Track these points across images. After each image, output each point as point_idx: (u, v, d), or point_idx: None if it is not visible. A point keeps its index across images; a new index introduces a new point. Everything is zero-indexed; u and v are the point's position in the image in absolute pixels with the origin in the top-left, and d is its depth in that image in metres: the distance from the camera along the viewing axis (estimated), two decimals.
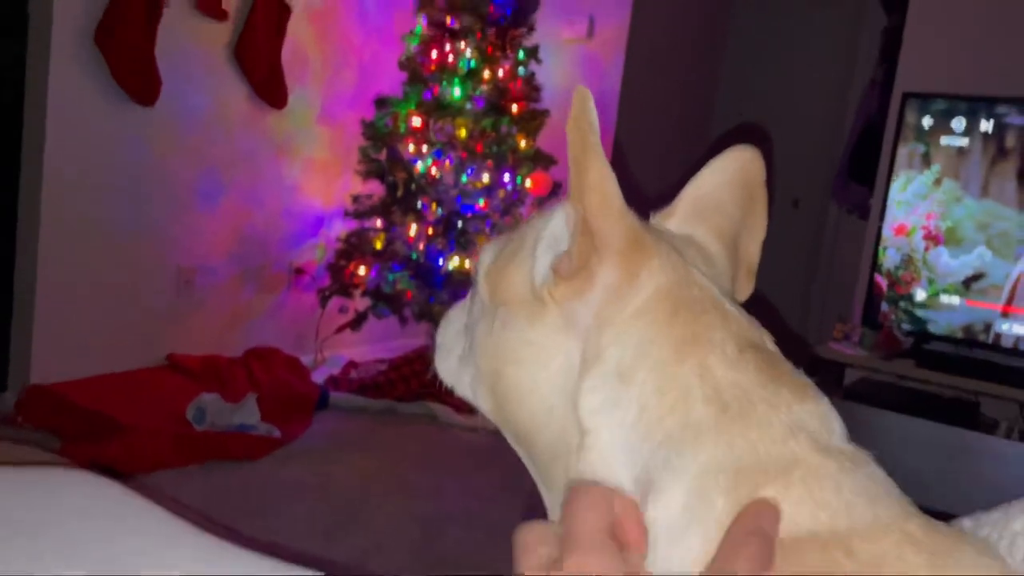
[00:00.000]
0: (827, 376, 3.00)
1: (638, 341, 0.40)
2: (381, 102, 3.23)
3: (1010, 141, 2.64)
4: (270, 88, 3.09)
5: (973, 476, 1.49)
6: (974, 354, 2.68)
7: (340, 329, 3.34)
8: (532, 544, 0.38)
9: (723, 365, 0.39)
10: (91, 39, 2.57)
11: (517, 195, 3.25)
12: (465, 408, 3.12)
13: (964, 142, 2.70)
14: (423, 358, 3.26)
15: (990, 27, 2.92)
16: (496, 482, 2.49)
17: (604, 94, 3.75)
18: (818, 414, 0.39)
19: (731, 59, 5.29)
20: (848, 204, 4.15)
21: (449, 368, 0.51)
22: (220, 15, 2.87)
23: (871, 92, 3.78)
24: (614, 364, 0.40)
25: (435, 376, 0.52)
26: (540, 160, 3.31)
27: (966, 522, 0.42)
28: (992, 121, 2.66)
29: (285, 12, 3.05)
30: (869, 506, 0.36)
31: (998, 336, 2.65)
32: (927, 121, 2.76)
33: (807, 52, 5.40)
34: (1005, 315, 2.64)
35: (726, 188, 0.48)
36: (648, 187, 4.01)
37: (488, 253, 0.48)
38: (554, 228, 0.43)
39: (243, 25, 2.97)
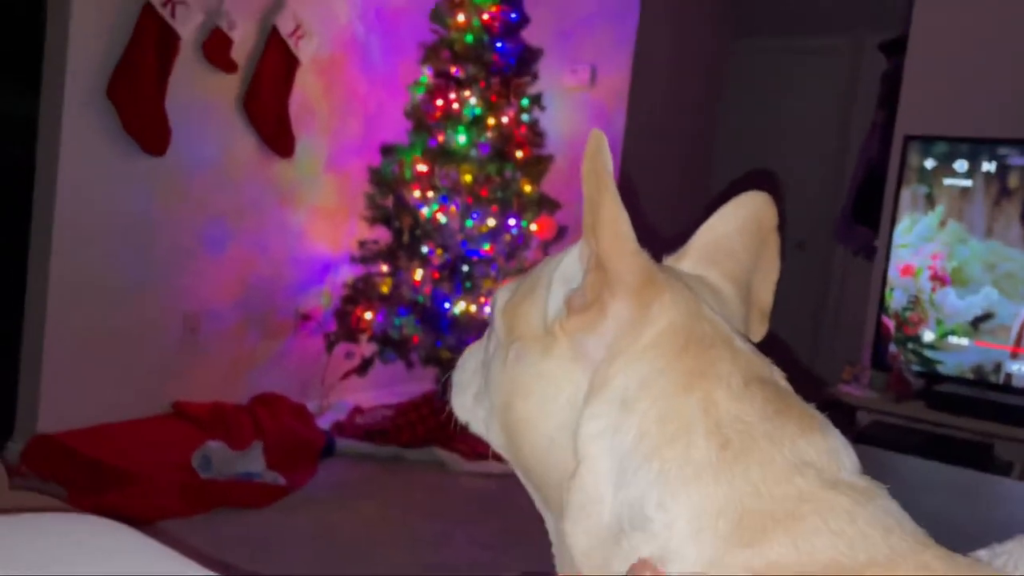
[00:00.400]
0: (838, 419, 2.97)
1: (646, 372, 0.40)
2: (387, 150, 3.27)
3: (1013, 182, 2.65)
4: (278, 138, 3.14)
5: (988, 519, 1.46)
6: (985, 395, 2.66)
7: (346, 375, 3.33)
8: None
9: (728, 398, 0.39)
10: (103, 92, 2.62)
11: (522, 239, 3.27)
12: (473, 454, 3.10)
13: (967, 183, 2.71)
14: (430, 403, 3.25)
15: (989, 69, 2.95)
16: (504, 531, 2.46)
17: (608, 140, 3.78)
18: (826, 448, 0.39)
19: (731, 104, 5.36)
20: (853, 246, 4.15)
21: (464, 405, 0.52)
22: (229, 67, 2.92)
23: (872, 135, 3.82)
24: (619, 392, 0.40)
25: (448, 416, 0.53)
26: (545, 204, 3.33)
27: (982, 553, 0.41)
28: (994, 162, 2.67)
29: (293, 63, 3.11)
30: (884, 537, 0.36)
31: (1009, 377, 2.63)
32: (929, 163, 2.77)
33: (806, 96, 5.47)
34: (1015, 356, 2.62)
35: (738, 232, 0.50)
36: (653, 232, 4.00)
37: (505, 292, 0.49)
38: (567, 266, 0.45)
39: (252, 76, 3.03)
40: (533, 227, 3.32)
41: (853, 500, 0.37)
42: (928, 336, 2.76)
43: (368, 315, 3.20)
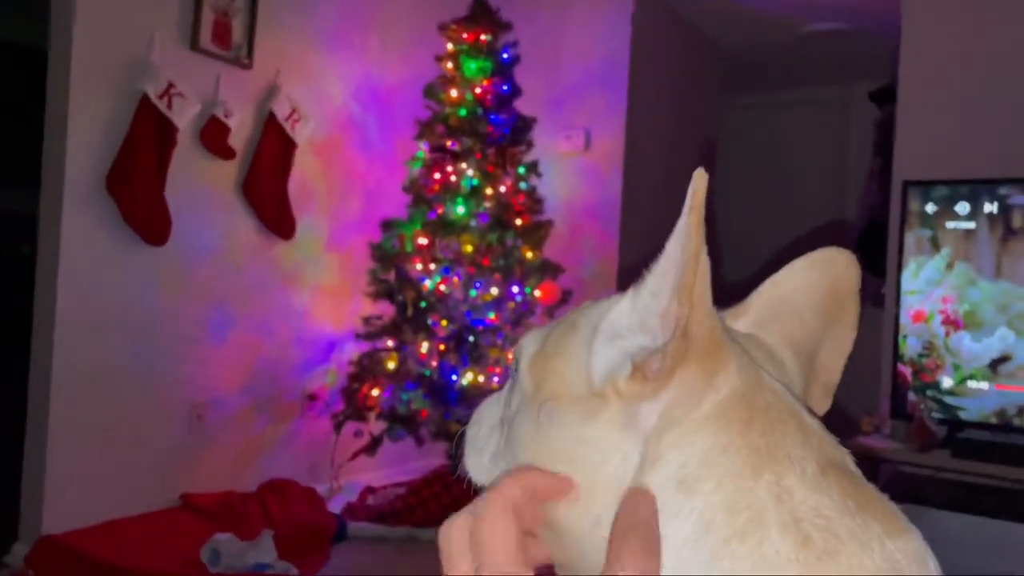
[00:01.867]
0: (862, 472, 2.89)
1: (707, 447, 0.35)
2: (387, 224, 3.27)
3: (1017, 221, 2.63)
4: (278, 220, 3.15)
5: (1021, 571, 1.39)
6: (1011, 439, 2.58)
7: (356, 455, 3.27)
8: (456, 555, 0.36)
9: (803, 487, 0.34)
10: (102, 185, 2.64)
11: (527, 306, 3.24)
12: None
13: (971, 225, 2.69)
14: (442, 479, 3.18)
15: (982, 110, 2.97)
16: None
17: (605, 203, 3.80)
18: (913, 552, 0.34)
19: (727, 161, 5.41)
20: (862, 295, 4.12)
21: (480, 465, 0.47)
22: (227, 154, 2.95)
23: (870, 183, 3.82)
24: (675, 469, 0.35)
25: (462, 491, 0.47)
26: (547, 270, 3.32)
27: None
28: (996, 203, 2.66)
29: (291, 146, 3.14)
30: None
31: None
32: (931, 207, 2.76)
33: (800, 149, 5.52)
34: None
35: (809, 292, 0.44)
36: None
37: (532, 342, 0.43)
38: (616, 319, 0.40)
39: (250, 161, 3.05)
40: (537, 293, 3.30)
41: None
42: (947, 382, 2.70)
43: (375, 392, 3.16)
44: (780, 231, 5.56)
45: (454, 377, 3.10)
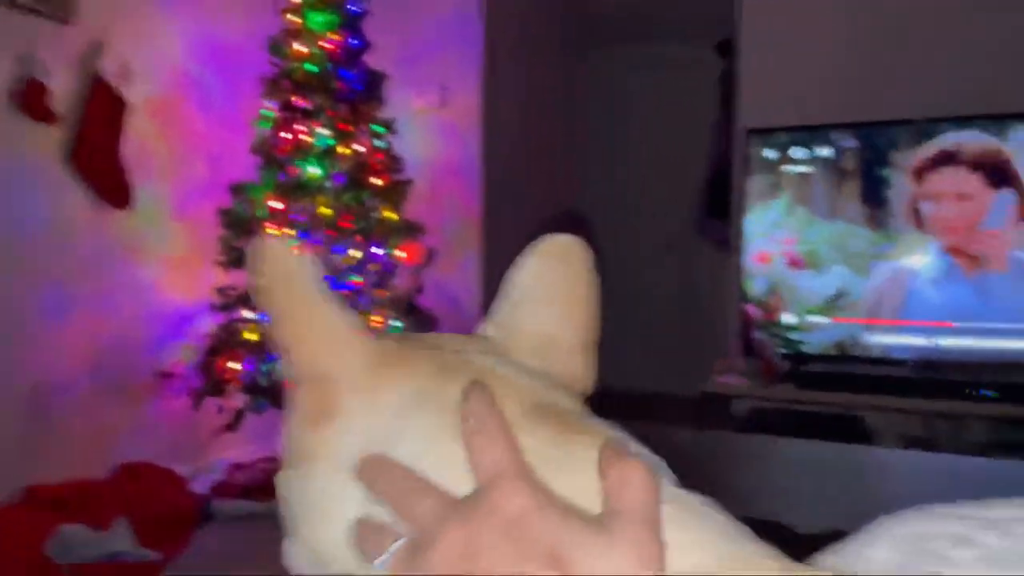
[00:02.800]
0: (718, 410, 3.05)
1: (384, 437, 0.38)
2: (237, 189, 3.11)
3: (848, 164, 2.80)
4: (113, 188, 2.93)
5: (866, 489, 1.50)
6: (848, 369, 2.78)
7: (219, 432, 3.13)
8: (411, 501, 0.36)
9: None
10: None
11: (390, 267, 3.18)
12: None
13: (808, 169, 2.84)
14: None
15: (817, 59, 3.12)
16: None
17: (465, 160, 3.77)
18: None
19: (591, 116, 5.48)
20: (712, 239, 4.31)
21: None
22: (49, 118, 2.70)
23: (716, 132, 3.97)
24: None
25: None
26: (409, 230, 3.26)
27: (830, 559, 0.40)
28: (830, 147, 2.82)
29: (120, 106, 2.91)
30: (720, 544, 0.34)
31: (867, 348, 2.77)
32: (771, 153, 2.90)
33: (660, 102, 5.66)
34: (869, 328, 2.76)
35: (542, 282, 0.47)
36: (518, 250, 4.01)
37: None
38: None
39: (77, 125, 2.81)
40: (400, 254, 3.24)
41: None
42: (789, 319, 2.86)
43: (235, 365, 3.02)
44: (638, 187, 5.72)
45: None
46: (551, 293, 0.47)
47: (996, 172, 2.59)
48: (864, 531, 0.40)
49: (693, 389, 2.91)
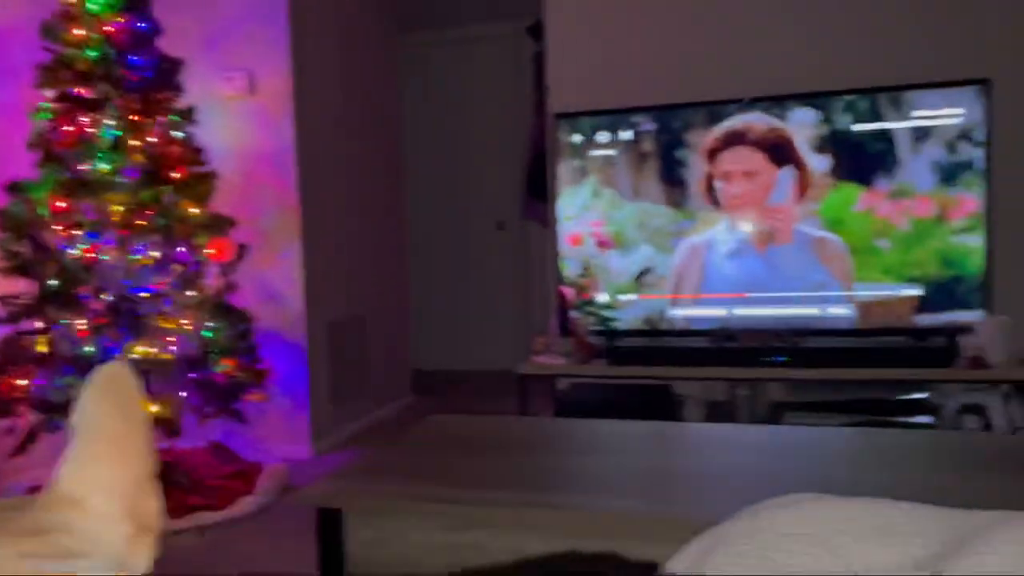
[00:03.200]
0: (540, 390, 3.11)
1: None
2: (14, 187, 2.84)
3: (648, 146, 2.91)
4: None
5: (681, 466, 1.55)
6: (656, 342, 2.91)
7: (11, 455, 2.87)
8: None
9: None
10: None
11: (197, 265, 3.01)
12: (183, 508, 2.83)
13: (611, 152, 2.93)
14: None
15: (619, 45, 3.22)
16: None
17: (279, 149, 3.62)
18: None
19: (414, 97, 5.42)
20: (536, 219, 4.38)
21: None
22: None
23: (534, 115, 4.03)
24: None
25: None
26: (217, 225, 3.10)
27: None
28: (631, 130, 2.91)
29: None
30: None
31: (673, 321, 2.90)
32: (577, 137, 2.96)
33: (483, 82, 5.68)
34: (673, 302, 2.89)
35: (98, 412, 0.48)
36: (341, 238, 3.94)
37: None
38: None
39: None
40: (209, 251, 3.08)
41: None
42: (602, 297, 2.96)
43: (22, 381, 2.77)
44: (467, 169, 5.73)
45: (117, 354, 2.81)
46: (105, 429, 0.48)
47: (779, 150, 2.77)
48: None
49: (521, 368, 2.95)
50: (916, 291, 2.65)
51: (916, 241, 2.65)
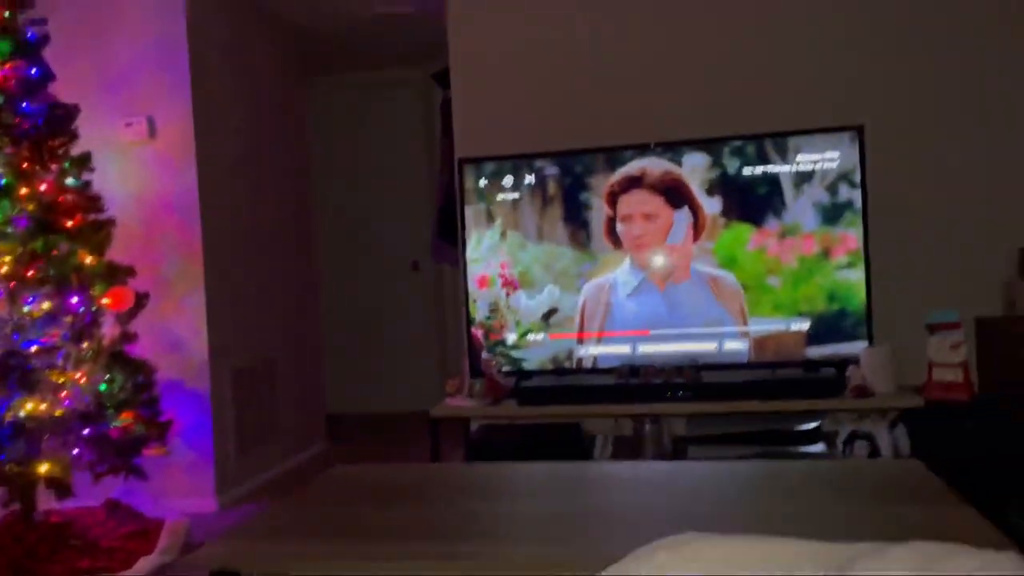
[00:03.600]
0: (453, 433, 3.12)
1: None
2: None
3: (551, 189, 2.99)
4: None
5: (587, 508, 1.57)
6: (564, 381, 2.96)
7: None
8: None
9: None
10: None
11: (91, 316, 2.91)
12: (76, 572, 2.69)
13: (516, 196, 3.00)
14: (10, 530, 2.76)
15: (522, 91, 3.31)
16: None
17: (182, 195, 3.55)
18: None
19: (323, 141, 5.40)
20: (446, 261, 4.42)
21: None
22: None
23: (443, 159, 4.08)
24: None
25: (38, 539, 0.44)
26: (115, 274, 3.01)
27: None
28: (534, 175, 3.00)
29: None
30: None
31: (579, 360, 2.97)
32: (483, 182, 3.02)
33: (394, 127, 5.72)
34: (580, 341, 2.96)
35: None
36: (248, 282, 3.86)
37: None
38: None
39: None
40: (105, 300, 2.98)
41: None
42: (511, 338, 3.00)
43: None
44: (380, 211, 5.74)
45: (4, 411, 2.67)
46: None
47: (675, 193, 2.89)
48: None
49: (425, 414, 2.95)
50: (805, 325, 2.80)
51: (803, 278, 2.81)
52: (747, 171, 2.85)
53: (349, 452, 4.56)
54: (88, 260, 2.93)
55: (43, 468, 2.75)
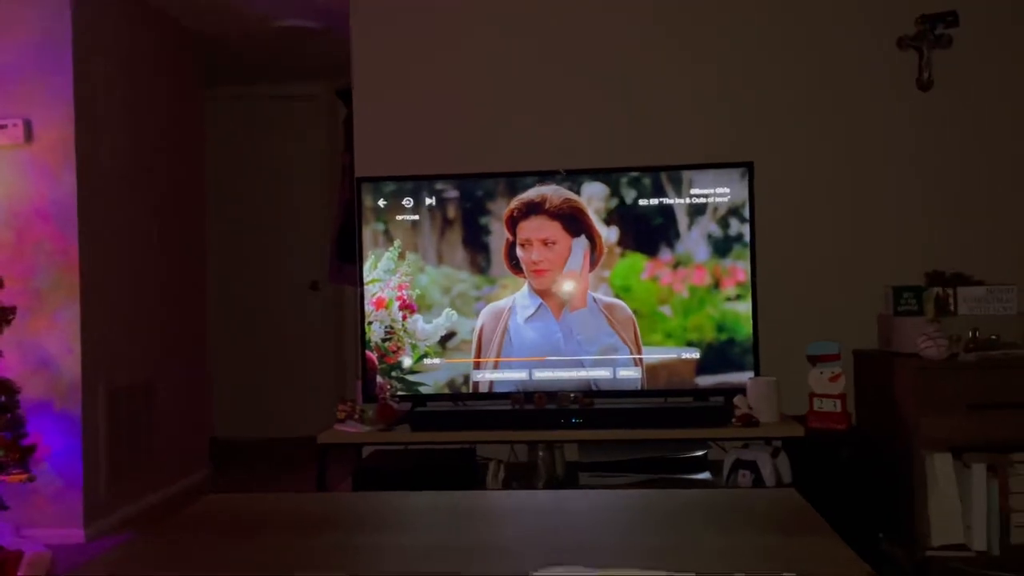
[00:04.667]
0: (345, 458, 3.02)
1: None
2: None
3: (451, 212, 2.97)
4: None
5: (470, 539, 1.53)
6: (460, 407, 2.93)
7: None
8: None
9: None
10: None
11: None
12: None
13: (415, 217, 2.97)
14: None
15: (426, 113, 3.29)
16: None
17: (59, 203, 3.34)
18: None
19: (221, 152, 5.21)
20: (344, 283, 4.33)
21: None
22: None
23: (344, 178, 4.00)
24: None
25: None
26: None
27: None
28: (434, 197, 2.97)
29: None
30: None
31: (476, 384, 2.94)
32: (382, 202, 2.97)
33: (297, 141, 5.59)
34: (477, 366, 2.94)
35: None
36: (128, 298, 3.64)
37: None
38: None
39: None
40: None
41: None
42: (407, 362, 2.95)
43: None
44: (278, 228, 5.58)
45: None
46: None
47: (573, 220, 2.92)
48: None
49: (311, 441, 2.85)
50: (695, 354, 2.86)
51: (694, 308, 2.87)
52: (643, 202, 2.91)
53: (234, 479, 4.37)
54: None
55: None
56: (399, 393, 2.93)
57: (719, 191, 2.88)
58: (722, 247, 2.87)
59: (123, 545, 1.42)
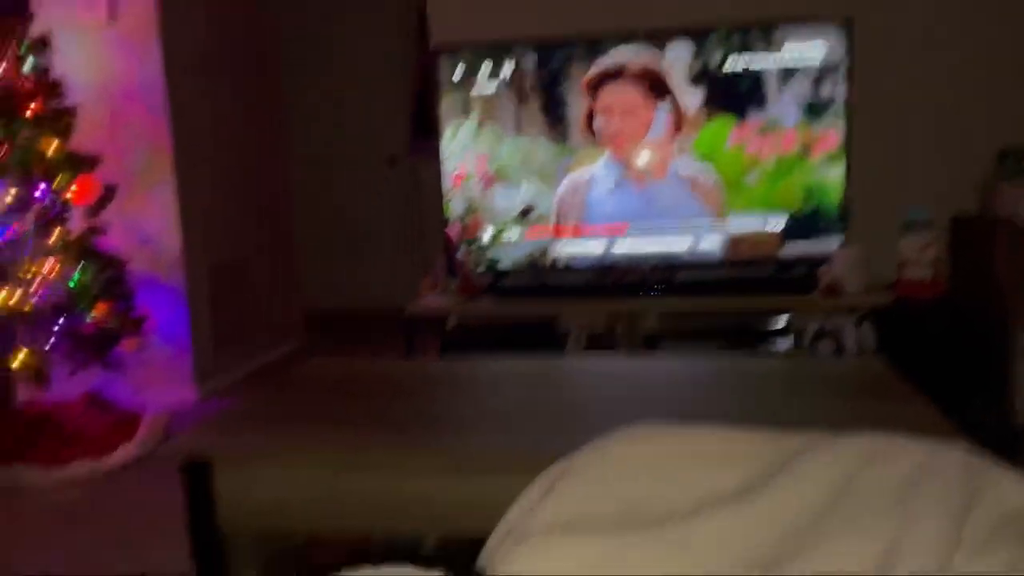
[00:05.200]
0: (429, 329, 3.13)
1: None
2: None
3: (528, 80, 2.90)
4: None
5: (555, 401, 1.59)
6: (539, 279, 2.96)
7: None
8: None
9: None
10: None
11: (58, 208, 2.85)
12: (56, 462, 2.73)
13: (492, 87, 2.91)
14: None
15: None
16: (95, 540, 2.21)
17: (146, 82, 3.42)
18: None
19: (294, 30, 5.17)
20: (424, 157, 4.33)
21: None
22: None
23: (418, 49, 3.93)
24: None
25: (25, 426, 0.46)
26: (80, 163, 2.93)
27: None
28: (512, 63, 2.89)
29: None
30: None
31: (555, 257, 2.96)
32: (459, 72, 2.92)
33: (370, 13, 5.49)
34: (556, 237, 2.95)
35: None
36: (218, 177, 3.75)
37: None
38: None
39: None
40: (71, 191, 2.91)
41: None
42: (486, 236, 2.98)
43: None
44: (355, 103, 5.57)
45: None
46: None
47: (655, 86, 2.81)
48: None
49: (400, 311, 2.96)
50: (780, 223, 2.79)
51: (781, 175, 2.78)
52: (731, 63, 2.77)
53: (327, 348, 4.59)
54: (51, 149, 2.84)
55: (18, 359, 2.75)
56: (480, 266, 2.98)
57: (813, 49, 2.71)
58: (814, 111, 2.73)
59: (239, 403, 1.53)
